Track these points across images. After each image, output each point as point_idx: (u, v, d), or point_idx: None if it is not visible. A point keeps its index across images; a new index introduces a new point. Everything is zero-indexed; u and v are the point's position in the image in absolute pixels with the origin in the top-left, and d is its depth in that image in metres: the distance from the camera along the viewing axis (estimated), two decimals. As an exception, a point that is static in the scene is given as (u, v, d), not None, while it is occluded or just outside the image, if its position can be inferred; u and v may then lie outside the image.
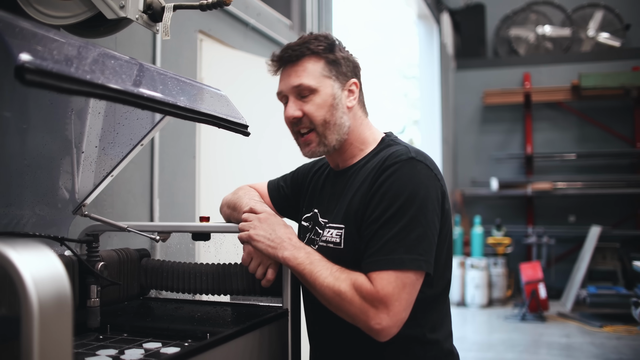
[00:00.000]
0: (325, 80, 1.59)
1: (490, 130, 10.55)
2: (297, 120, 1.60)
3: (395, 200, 1.44)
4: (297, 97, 1.60)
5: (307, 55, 1.58)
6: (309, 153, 1.64)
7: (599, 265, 8.95)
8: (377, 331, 1.38)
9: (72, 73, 1.05)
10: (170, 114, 1.32)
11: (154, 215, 2.56)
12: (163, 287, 1.80)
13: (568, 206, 10.00)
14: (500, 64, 10.55)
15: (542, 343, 6.89)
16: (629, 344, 6.70)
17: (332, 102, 1.59)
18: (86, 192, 1.81)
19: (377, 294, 1.37)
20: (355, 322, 1.41)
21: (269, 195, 1.91)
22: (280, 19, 3.97)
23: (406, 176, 1.46)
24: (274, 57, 1.64)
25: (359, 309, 1.38)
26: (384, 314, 1.36)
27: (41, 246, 0.90)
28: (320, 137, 1.60)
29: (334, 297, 1.42)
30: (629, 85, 9.17)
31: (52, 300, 0.85)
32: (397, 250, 1.39)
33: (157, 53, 2.58)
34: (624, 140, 9.83)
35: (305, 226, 1.75)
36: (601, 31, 10.14)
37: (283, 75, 1.63)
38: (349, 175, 1.65)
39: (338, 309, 1.43)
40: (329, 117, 1.59)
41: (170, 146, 2.71)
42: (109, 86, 1.11)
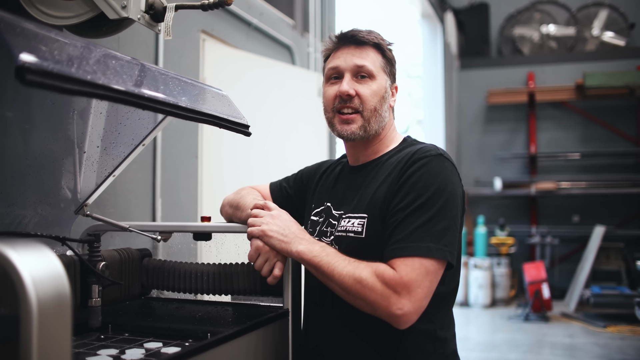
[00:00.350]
0: (381, 73, 1.68)
1: (494, 130, 10.53)
2: (349, 97, 1.63)
3: (425, 191, 1.47)
4: (354, 76, 1.65)
5: (371, 45, 1.67)
6: (348, 132, 1.65)
7: (602, 265, 8.93)
8: (398, 317, 1.38)
9: (73, 73, 1.05)
10: (171, 114, 1.33)
11: (156, 215, 2.57)
12: (164, 287, 1.81)
13: (572, 206, 9.98)
14: (504, 63, 10.53)
15: (546, 343, 6.88)
16: (633, 344, 6.68)
17: (383, 93, 1.67)
18: (88, 192, 1.82)
19: (400, 279, 1.38)
20: (374, 309, 1.41)
21: (272, 196, 1.93)
22: (283, 18, 3.97)
23: (435, 170, 1.51)
24: (340, 34, 1.69)
25: (381, 294, 1.38)
26: (406, 300, 1.38)
27: (41, 246, 0.91)
28: (364, 121, 1.65)
29: (354, 284, 1.41)
30: (634, 84, 9.14)
31: (51, 300, 0.85)
32: (424, 239, 1.42)
33: (160, 53, 2.58)
34: (628, 139, 9.80)
35: (315, 220, 1.76)
36: (606, 30, 10.11)
37: (342, 52, 1.67)
38: (369, 169, 1.69)
39: (357, 297, 1.42)
40: (378, 106, 1.65)
41: (172, 146, 2.71)
42: (110, 86, 1.11)
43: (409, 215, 1.46)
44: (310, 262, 1.50)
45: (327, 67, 1.71)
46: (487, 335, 7.20)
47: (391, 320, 1.40)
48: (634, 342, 6.78)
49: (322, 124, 4.15)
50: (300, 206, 1.90)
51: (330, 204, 1.73)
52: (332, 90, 1.67)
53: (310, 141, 3.97)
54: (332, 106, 1.67)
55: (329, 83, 1.70)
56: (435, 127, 9.24)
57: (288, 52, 4.02)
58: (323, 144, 4.13)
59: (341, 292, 1.45)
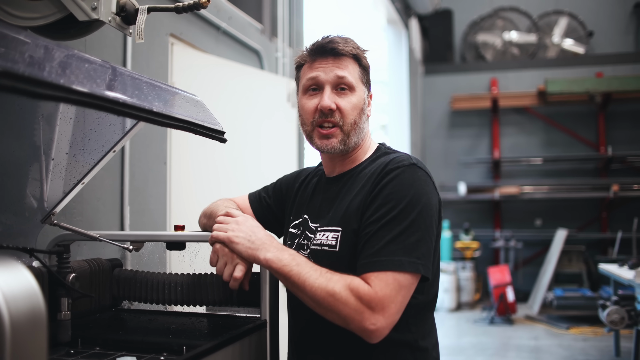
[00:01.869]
0: (360, 84, 1.65)
1: (458, 135, 10.64)
2: (330, 112, 1.59)
3: (397, 203, 1.45)
4: (334, 89, 1.61)
5: (349, 56, 1.62)
6: (329, 147, 1.62)
7: (564, 268, 9.08)
8: (370, 332, 1.35)
9: (45, 77, 1.00)
10: (145, 120, 1.28)
11: (125, 224, 2.49)
12: (136, 298, 1.75)
13: (534, 210, 10.13)
14: (468, 69, 10.65)
15: (511, 346, 6.95)
16: (596, 345, 6.80)
17: (362, 105, 1.64)
18: (55, 200, 1.75)
19: (375, 295, 1.36)
20: (347, 323, 1.37)
21: (251, 206, 1.89)
22: (251, 23, 3.93)
23: (408, 181, 1.48)
24: (317, 44, 1.64)
25: (354, 309, 1.35)
26: (380, 315, 1.35)
27: (11, 260, 0.85)
28: (344, 135, 1.61)
29: (326, 297, 1.37)
30: (594, 90, 9.34)
31: (25, 319, 0.80)
32: (396, 252, 1.39)
33: (128, 57, 2.52)
34: (588, 144, 10.01)
35: (293, 232, 1.73)
36: (566, 37, 10.32)
37: (321, 63, 1.62)
38: (344, 180, 1.66)
39: (330, 310, 1.38)
40: (358, 119, 1.63)
41: (141, 152, 2.64)
42: (82, 91, 1.06)
43: (381, 228, 1.43)
44: (279, 271, 1.44)
45: (305, 78, 1.65)
46: (454, 339, 7.25)
47: (363, 334, 1.37)
48: (596, 343, 6.89)
49: (292, 129, 4.13)
50: (281, 216, 1.86)
51: (307, 216, 1.70)
52: (312, 103, 1.62)
53: (280, 147, 3.94)
54: (312, 120, 1.63)
55: (308, 95, 1.65)
56: (400, 132, 9.28)
57: (257, 56, 3.98)
58: (292, 149, 4.09)
59: (312, 304, 1.42)
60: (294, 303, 1.66)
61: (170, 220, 2.85)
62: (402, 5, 9.01)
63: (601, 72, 9.76)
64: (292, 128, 4.07)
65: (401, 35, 9.30)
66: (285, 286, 1.48)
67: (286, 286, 1.48)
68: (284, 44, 4.35)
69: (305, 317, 1.60)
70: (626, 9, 10.27)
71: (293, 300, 1.67)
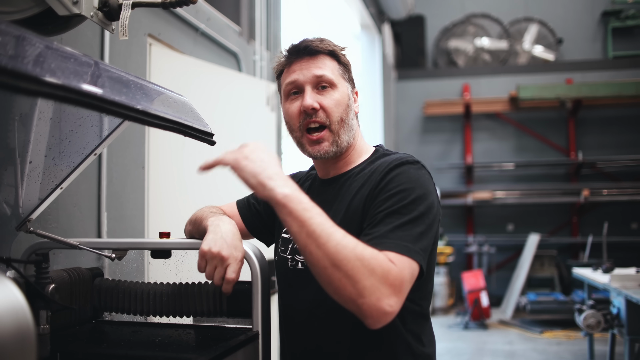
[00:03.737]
0: (341, 80, 1.60)
1: (430, 141, 10.67)
2: (313, 112, 1.53)
3: (407, 195, 1.38)
4: (314, 88, 1.56)
5: (325, 53, 1.58)
6: (321, 152, 1.55)
7: (536, 272, 9.16)
8: (384, 313, 1.19)
9: (30, 71, 0.91)
10: (135, 120, 1.19)
11: (102, 231, 2.39)
12: (119, 309, 1.65)
13: (506, 215, 10.21)
14: (440, 74, 10.70)
15: (486, 351, 6.95)
16: (569, 349, 6.84)
17: (347, 101, 1.59)
18: (32, 206, 1.64)
19: (399, 274, 1.22)
20: (361, 295, 1.18)
21: (240, 213, 1.80)
22: (229, 25, 3.84)
23: (415, 176, 1.44)
24: (291, 47, 1.60)
25: (378, 283, 1.18)
26: (397, 297, 1.21)
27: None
28: (334, 135, 1.55)
29: (351, 260, 1.18)
30: (564, 97, 9.46)
31: (12, 338, 0.71)
32: (404, 238, 1.30)
33: (105, 56, 2.42)
34: (559, 150, 10.12)
35: (286, 237, 1.66)
36: (536, 44, 10.44)
37: (298, 65, 1.58)
38: (341, 182, 1.60)
39: (348, 275, 1.18)
40: (345, 115, 1.57)
41: (118, 156, 2.54)
42: (75, 88, 0.98)
43: (388, 216, 1.36)
44: (298, 214, 1.22)
45: (284, 83, 1.60)
46: (429, 345, 7.21)
47: (372, 315, 1.19)
48: (569, 347, 6.94)
49: (271, 133, 4.05)
50: (270, 223, 1.78)
51: None
52: (295, 106, 1.57)
53: (259, 151, 3.85)
54: (299, 124, 1.57)
55: (289, 100, 1.59)
56: (373, 137, 9.26)
57: (235, 59, 3.89)
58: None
59: (327, 263, 1.19)
60: (292, 321, 1.60)
61: (149, 227, 2.74)
62: (376, 11, 9.01)
63: (571, 78, 9.89)
64: (271, 132, 3.99)
65: (375, 41, 9.29)
66: (295, 235, 1.23)
67: (297, 236, 1.23)
68: (262, 47, 4.27)
69: (305, 334, 1.54)
70: (594, 17, 10.43)
71: (290, 317, 1.60)
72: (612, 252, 8.04)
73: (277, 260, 1.68)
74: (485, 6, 10.77)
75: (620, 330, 4.42)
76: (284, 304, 1.65)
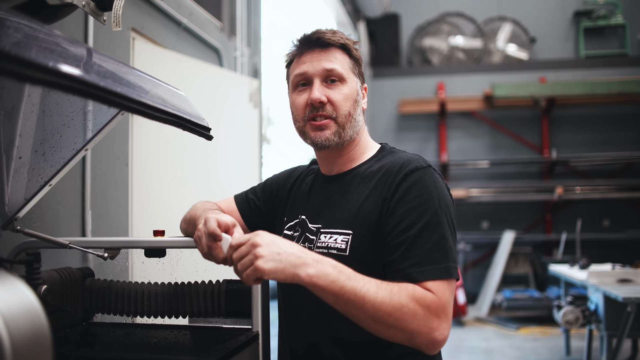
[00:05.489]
0: (351, 75, 1.56)
1: (406, 139, 10.69)
2: (321, 105, 1.51)
3: (428, 207, 1.37)
4: (323, 81, 1.53)
5: (337, 46, 1.55)
6: (322, 138, 1.52)
7: (511, 269, 9.24)
8: (438, 342, 1.27)
9: (33, 57, 0.86)
10: (139, 112, 1.14)
11: (86, 229, 2.31)
12: (112, 310, 1.59)
13: (481, 212, 10.27)
14: (415, 73, 10.72)
15: (464, 348, 6.98)
16: (546, 345, 6.90)
17: (355, 96, 1.56)
18: (19, 204, 1.58)
19: (439, 301, 1.27)
20: (413, 337, 1.25)
21: (239, 209, 1.75)
22: (211, 20, 3.78)
23: (431, 184, 1.41)
24: (303, 37, 1.57)
25: (424, 321, 1.24)
26: (445, 323, 1.28)
27: (7, 276, 0.71)
28: (338, 127, 1.52)
29: (392, 313, 1.23)
30: (538, 95, 9.55)
31: (28, 344, 0.66)
32: (441, 260, 1.32)
33: (89, 50, 2.34)
34: (533, 148, 10.22)
35: (288, 235, 1.61)
36: (509, 43, 10.53)
37: (308, 57, 1.55)
38: (347, 180, 1.56)
39: (394, 326, 1.23)
40: (352, 110, 1.54)
41: (102, 153, 2.46)
42: (77, 77, 0.92)
43: (418, 236, 1.35)
44: (328, 289, 1.22)
45: (293, 74, 1.57)
46: (407, 343, 7.22)
47: (429, 346, 1.27)
48: (546, 343, 7.00)
49: (254, 129, 4.00)
50: (270, 219, 1.74)
51: (305, 216, 1.59)
52: (302, 98, 1.54)
53: (242, 146, 3.80)
54: (303, 115, 1.54)
55: (297, 91, 1.56)
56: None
57: (216, 55, 3.83)
58: (254, 150, 3.96)
59: (371, 322, 1.24)
60: (293, 323, 1.55)
61: (132, 225, 2.67)
62: (352, 8, 8.99)
63: (544, 77, 10.00)
64: (254, 128, 3.94)
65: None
66: (333, 305, 1.25)
67: (334, 305, 1.25)
68: (243, 43, 4.22)
69: (307, 339, 1.50)
70: (566, 16, 10.55)
71: (292, 317, 1.56)
72: (585, 249, 8.15)
73: None
74: (460, 5, 10.83)
75: (597, 325, 4.47)
76: (284, 303, 1.61)
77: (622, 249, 9.36)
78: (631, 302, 3.80)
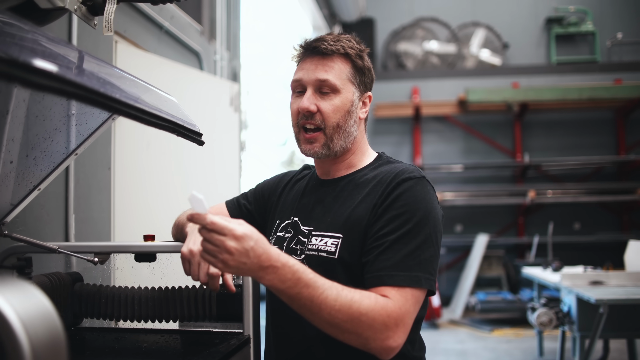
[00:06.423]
0: (348, 85, 1.55)
1: (380, 142, 10.74)
2: (309, 114, 1.52)
3: (412, 216, 1.39)
4: (316, 90, 1.54)
5: (339, 54, 1.55)
6: (311, 152, 1.55)
7: (484, 272, 9.34)
8: (391, 350, 1.30)
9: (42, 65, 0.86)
10: (134, 117, 1.15)
11: (70, 234, 2.30)
12: (101, 314, 1.59)
13: (455, 216, 10.37)
14: (390, 77, 10.79)
15: (439, 350, 7.05)
16: (519, 347, 7.00)
17: (349, 108, 1.55)
18: (6, 208, 1.57)
19: (399, 310, 1.30)
20: (367, 342, 1.28)
21: (230, 214, 1.76)
22: (191, 23, 3.78)
23: (421, 194, 1.44)
24: (305, 43, 1.57)
25: (380, 329, 1.27)
26: (401, 332, 1.30)
27: (20, 281, 0.72)
28: (327, 139, 1.54)
29: (349, 320, 1.25)
30: (511, 100, 9.69)
31: (46, 349, 0.67)
32: (413, 268, 1.34)
33: (73, 53, 2.33)
34: (506, 152, 10.36)
35: (280, 236, 1.63)
36: (483, 48, 10.66)
37: (307, 64, 1.56)
38: (341, 185, 1.59)
39: (350, 331, 1.26)
40: (342, 122, 1.54)
41: (85, 156, 2.45)
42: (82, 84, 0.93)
43: (397, 241, 1.37)
44: (283, 293, 1.24)
45: (292, 79, 1.59)
46: (383, 345, 7.26)
47: (382, 353, 1.30)
48: (519, 345, 7.10)
49: (234, 132, 4.00)
50: (262, 223, 1.75)
51: (297, 218, 1.60)
52: (297, 104, 1.56)
53: (223, 150, 3.80)
54: (297, 121, 1.56)
55: (294, 96, 1.59)
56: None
57: (196, 58, 3.83)
58: (234, 154, 3.96)
59: (326, 325, 1.27)
60: (282, 325, 1.57)
61: (115, 229, 2.66)
62: (328, 13, 9.03)
63: (517, 82, 10.15)
64: (234, 132, 3.94)
65: (327, 42, 9.29)
66: (293, 308, 1.28)
67: (294, 308, 1.28)
68: (222, 47, 4.22)
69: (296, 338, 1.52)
70: (538, 23, 10.73)
71: (281, 321, 1.57)
72: (556, 252, 8.30)
73: None
74: (434, 10, 10.93)
75: (570, 327, 4.55)
76: (273, 307, 1.61)
77: (592, 252, 9.54)
78: (603, 303, 3.88)
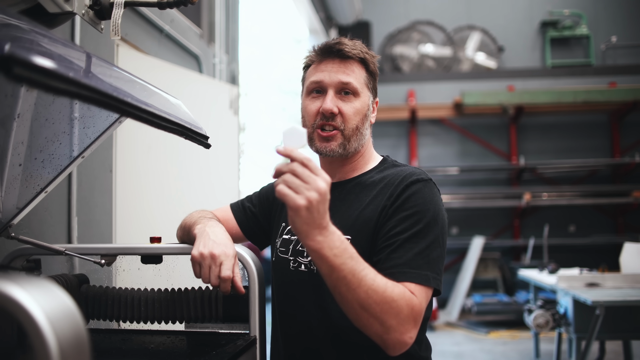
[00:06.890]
0: (365, 89, 1.60)
1: (376, 145, 10.16)
2: (331, 115, 1.54)
3: (422, 217, 1.42)
4: (337, 93, 1.56)
5: (356, 59, 1.58)
6: (327, 150, 1.56)
7: (480, 274, 9.38)
8: (405, 345, 1.30)
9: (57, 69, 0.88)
10: (144, 120, 1.16)
11: (72, 236, 2.31)
12: (107, 316, 1.60)
13: (451, 218, 10.39)
14: (386, 80, 10.81)
15: (435, 352, 6.99)
16: (515, 349, 7.03)
17: (366, 111, 1.59)
18: (14, 211, 1.57)
19: (419, 306, 1.32)
20: (387, 332, 1.27)
21: (235, 217, 1.77)
22: (191, 27, 3.79)
23: (429, 196, 1.47)
24: (326, 45, 1.59)
25: (404, 319, 1.28)
26: (415, 329, 1.32)
27: (45, 281, 0.73)
28: (344, 139, 1.56)
29: (381, 303, 1.25)
30: (507, 103, 9.73)
31: (71, 348, 0.68)
32: (423, 267, 1.37)
33: (76, 56, 2.34)
34: (501, 155, 10.40)
35: (287, 239, 1.64)
36: (478, 52, 10.70)
37: (327, 66, 1.58)
38: (348, 187, 1.61)
39: (377, 317, 1.25)
40: (360, 124, 1.57)
41: (87, 159, 2.44)
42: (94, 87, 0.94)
43: (407, 240, 1.40)
44: (328, 260, 1.21)
45: (309, 80, 1.60)
46: (380, 348, 7.27)
47: (396, 345, 1.30)
48: (515, 347, 7.13)
49: (233, 136, 4.01)
50: (267, 226, 1.77)
51: None
52: (315, 105, 1.57)
53: (223, 153, 3.81)
54: (313, 122, 1.58)
55: (311, 97, 1.60)
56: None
57: (196, 61, 3.84)
58: (234, 156, 3.97)
59: (356, 306, 1.25)
60: (291, 327, 1.58)
61: (116, 232, 2.67)
62: (325, 16, 9.05)
63: (512, 85, 10.19)
64: (233, 135, 3.95)
65: (323, 46, 9.31)
66: (326, 277, 1.25)
67: (326, 278, 1.25)
68: (221, 50, 4.23)
69: (305, 338, 1.53)
70: (533, 26, 10.78)
71: (289, 321, 1.59)
72: (552, 254, 8.34)
73: (275, 261, 1.66)
74: (430, 13, 10.98)
75: (567, 328, 4.58)
76: (280, 309, 1.63)
77: (587, 254, 9.59)
78: (600, 305, 3.91)
